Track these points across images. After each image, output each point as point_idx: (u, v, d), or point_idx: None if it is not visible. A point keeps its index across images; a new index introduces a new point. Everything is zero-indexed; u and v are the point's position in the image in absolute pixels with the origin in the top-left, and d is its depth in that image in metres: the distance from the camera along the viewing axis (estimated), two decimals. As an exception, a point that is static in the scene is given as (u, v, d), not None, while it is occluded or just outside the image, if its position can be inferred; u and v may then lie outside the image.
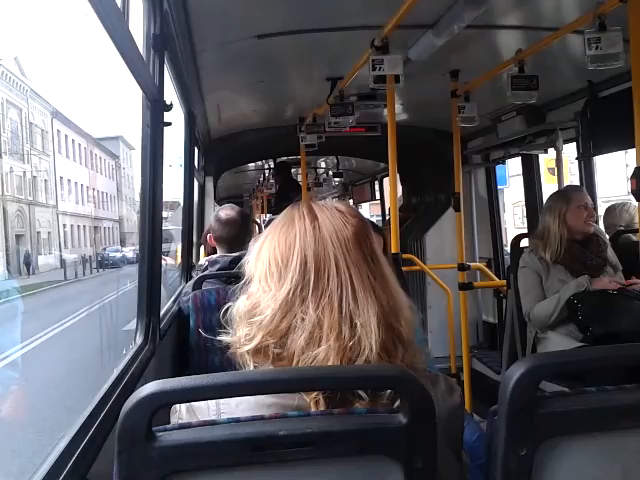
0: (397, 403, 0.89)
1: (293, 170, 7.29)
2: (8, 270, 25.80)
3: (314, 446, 0.85)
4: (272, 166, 7.56)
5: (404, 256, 3.42)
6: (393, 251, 2.78)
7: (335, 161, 7.39)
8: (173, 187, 4.56)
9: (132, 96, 2.06)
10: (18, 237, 31.50)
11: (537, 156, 4.26)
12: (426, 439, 0.87)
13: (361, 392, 0.91)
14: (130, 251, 33.80)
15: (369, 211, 14.65)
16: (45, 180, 36.52)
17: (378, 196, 8.11)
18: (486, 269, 4.41)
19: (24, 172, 33.22)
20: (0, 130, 30.83)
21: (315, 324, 0.93)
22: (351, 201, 9.12)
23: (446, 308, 4.21)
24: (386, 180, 7.37)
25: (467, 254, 3.96)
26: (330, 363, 0.92)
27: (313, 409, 0.90)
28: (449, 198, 4.12)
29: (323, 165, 8.45)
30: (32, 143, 35.24)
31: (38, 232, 34.10)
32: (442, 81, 3.43)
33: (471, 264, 4.03)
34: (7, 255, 28.04)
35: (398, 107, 3.94)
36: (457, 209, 3.76)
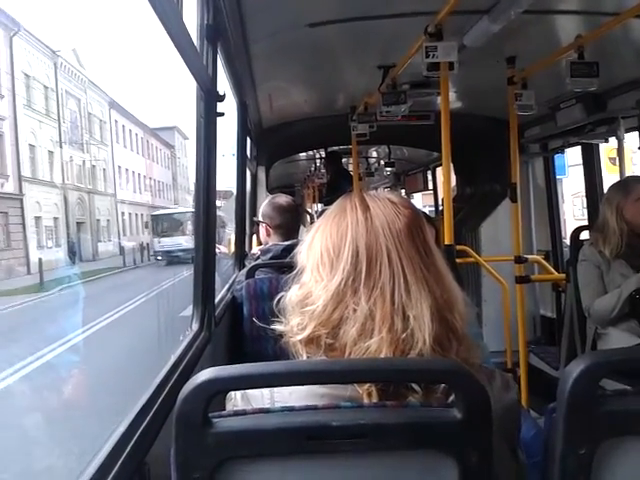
0: (451, 398, 0.88)
1: (344, 160, 7.27)
2: (70, 258, 26.77)
3: (367, 438, 0.85)
4: (323, 156, 7.56)
5: (458, 248, 3.36)
6: (447, 242, 2.74)
7: (387, 150, 7.32)
8: (226, 176, 4.64)
9: (187, 86, 2.09)
10: (79, 224, 32.69)
11: (597, 145, 4.10)
12: (481, 435, 0.86)
13: (415, 385, 0.91)
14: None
15: (421, 201, 14.47)
16: (104, 169, 37.67)
17: (431, 186, 7.99)
18: (544, 262, 4.29)
19: (83, 161, 34.35)
20: (60, 120, 31.90)
21: (367, 315, 0.93)
22: (403, 191, 9.03)
23: (502, 302, 4.12)
24: (439, 170, 7.23)
25: (524, 246, 3.86)
26: (382, 355, 0.92)
27: (366, 401, 0.90)
28: (505, 188, 4.02)
29: (374, 155, 8.39)
30: (91, 133, 36.37)
31: (98, 220, 35.28)
32: (498, 68, 3.34)
33: (528, 257, 3.93)
34: (69, 242, 29.11)
35: (452, 95, 3.86)
36: (514, 200, 3.67)
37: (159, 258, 31.75)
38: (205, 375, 0.85)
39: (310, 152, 7.90)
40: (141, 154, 46.13)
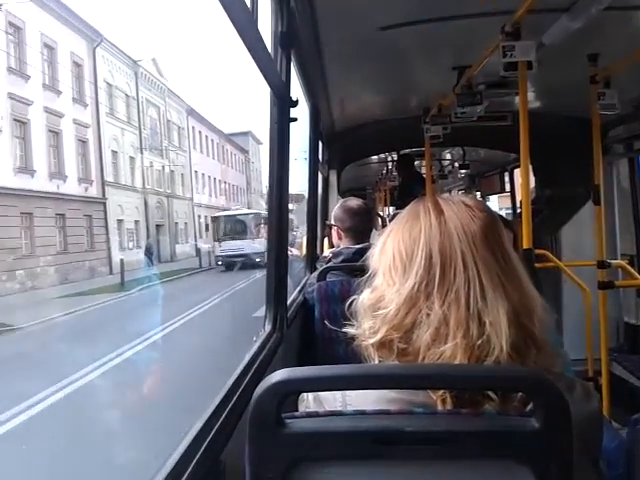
0: (530, 406, 0.85)
1: (416, 162, 7.18)
2: (149, 258, 27.70)
3: (441, 445, 0.83)
4: (395, 158, 7.51)
5: (537, 252, 3.25)
6: (525, 246, 2.66)
7: (461, 152, 7.18)
8: (298, 180, 4.69)
9: (261, 92, 2.13)
10: (158, 227, 33.97)
11: (688, 146, 3.87)
12: (561, 446, 0.82)
13: (491, 393, 0.88)
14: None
15: (498, 204, 14.08)
16: (182, 174, 39.01)
17: (508, 188, 7.78)
18: (629, 267, 4.07)
19: (163, 166, 35.69)
20: (141, 127, 33.27)
21: (441, 320, 0.92)
22: (478, 193, 8.82)
23: (583, 308, 3.95)
24: (517, 171, 7.04)
25: (607, 251, 3.69)
26: (457, 361, 0.90)
27: (440, 407, 0.89)
28: (588, 190, 3.86)
29: (448, 157, 8.25)
30: (170, 139, 37.74)
31: (176, 222, 36.53)
32: (578, 66, 3.20)
33: (612, 261, 3.75)
34: (148, 244, 30.15)
35: (530, 94, 3.74)
36: (597, 202, 3.51)
37: (219, 263, 30.39)
38: (279, 376, 0.86)
39: (382, 155, 7.86)
40: (217, 159, 47.43)
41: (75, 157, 26.07)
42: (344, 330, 1.02)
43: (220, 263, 29.94)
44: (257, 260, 25.80)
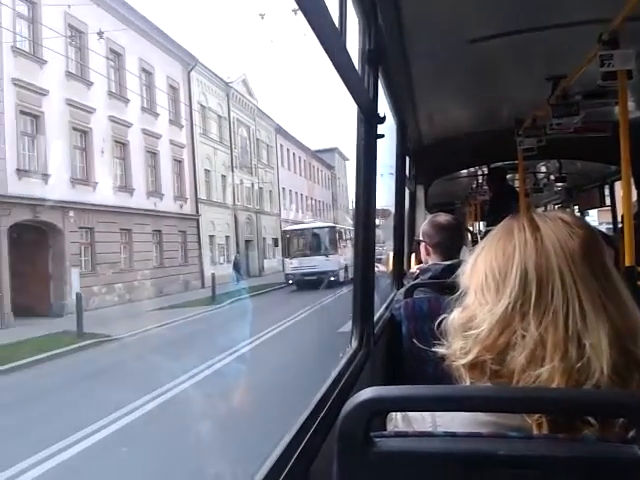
0: (632, 433, 0.80)
1: (509, 176, 6.97)
2: (238, 273, 28.34)
3: (536, 470, 0.80)
4: (486, 172, 7.32)
5: (640, 270, 3.05)
6: (627, 264, 2.50)
7: (557, 165, 6.90)
8: (384, 195, 4.67)
9: (347, 109, 2.15)
10: (247, 242, 34.88)
11: None
12: None
13: (590, 418, 0.84)
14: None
15: (597, 218, 13.39)
16: (270, 191, 39.94)
17: (608, 202, 7.39)
18: None
19: (252, 184, 36.69)
20: (232, 146, 34.43)
21: (537, 342, 0.88)
22: (576, 208, 8.44)
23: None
24: (618, 184, 6.68)
25: None
26: (554, 385, 0.86)
27: (535, 432, 0.85)
28: (695, 203, 3.59)
29: (543, 169, 7.94)
30: (259, 157, 38.80)
31: (264, 238, 37.34)
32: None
33: None
34: (237, 258, 30.78)
35: (630, 104, 3.55)
36: None
37: (290, 282, 27.30)
38: (368, 393, 0.85)
39: (471, 169, 7.69)
40: (303, 175, 48.20)
41: (171, 176, 27.33)
42: (434, 349, 1.00)
43: (291, 282, 27.02)
44: (332, 279, 25.22)
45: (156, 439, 6.78)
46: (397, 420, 0.96)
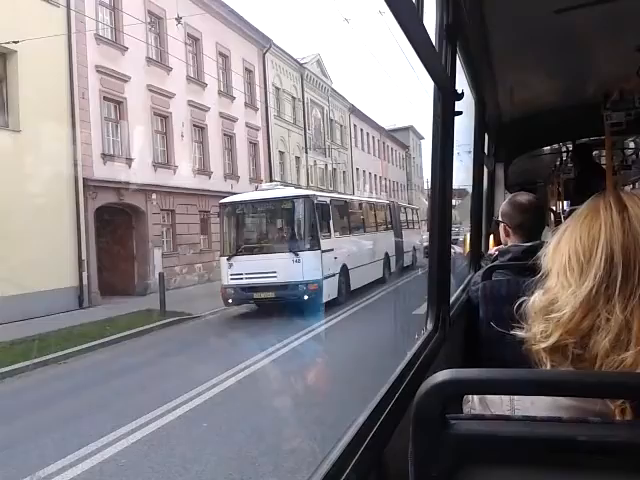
0: None
1: (595, 152, 6.65)
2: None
3: (618, 456, 0.78)
4: (570, 149, 7.01)
5: None
6: None
7: (647, 140, 6.51)
8: (459, 175, 4.56)
9: (423, 86, 2.11)
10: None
11: None
12: None
13: None
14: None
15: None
16: (344, 172, 39.93)
17: (702, 179, 6.86)
18: None
19: (325, 165, 36.78)
20: (306, 128, 34.59)
21: (622, 326, 0.85)
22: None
23: None
24: None
25: None
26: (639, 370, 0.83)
27: (618, 417, 0.83)
28: None
29: (632, 145, 7.52)
30: (332, 138, 38.80)
31: (337, 220, 37.06)
32: None
33: None
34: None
35: None
36: None
37: (230, 301, 14.39)
38: (444, 375, 0.85)
39: (555, 145, 7.38)
40: (377, 156, 47.88)
41: (247, 158, 27.84)
42: (512, 332, 0.98)
43: (231, 301, 14.64)
44: (305, 298, 13.73)
45: (233, 414, 7.01)
46: (474, 403, 0.96)
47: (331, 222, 15.70)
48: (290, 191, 16.32)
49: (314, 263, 14.18)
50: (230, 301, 14.57)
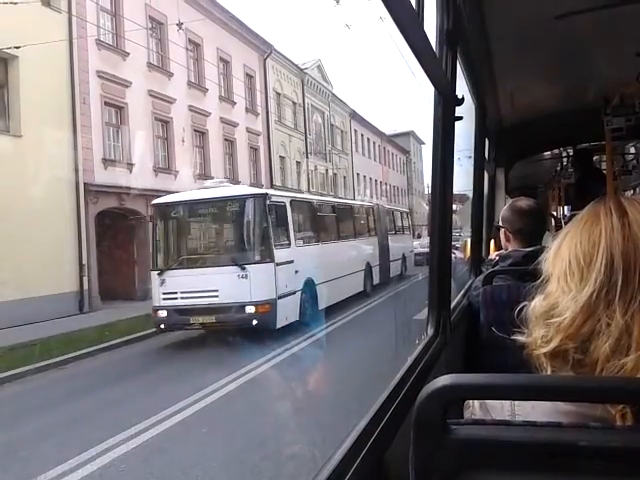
0: None
1: (595, 157, 6.66)
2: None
3: (619, 462, 0.77)
4: (571, 154, 7.02)
5: None
6: None
7: (647, 145, 6.51)
8: (460, 179, 4.56)
9: (423, 92, 2.11)
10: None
11: None
12: None
13: None
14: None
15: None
16: (344, 177, 39.96)
17: None
18: None
19: (326, 170, 36.80)
20: (307, 133, 34.63)
21: (623, 330, 0.85)
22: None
23: None
24: None
25: None
26: None
27: (619, 422, 0.82)
28: None
29: (633, 150, 7.53)
30: (333, 143, 38.84)
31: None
32: None
33: None
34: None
35: None
36: None
37: (162, 327, 11.75)
38: (445, 380, 0.85)
39: (555, 150, 7.40)
40: (378, 161, 47.92)
41: (247, 163, 27.86)
42: (513, 337, 0.98)
43: (163, 327, 11.95)
44: (254, 323, 11.23)
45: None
46: (474, 408, 0.96)
47: (291, 227, 12.79)
48: (238, 189, 13.59)
49: (265, 279, 11.38)
50: (162, 326, 11.78)
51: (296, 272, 12.44)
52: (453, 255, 2.53)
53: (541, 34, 2.78)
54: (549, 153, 7.60)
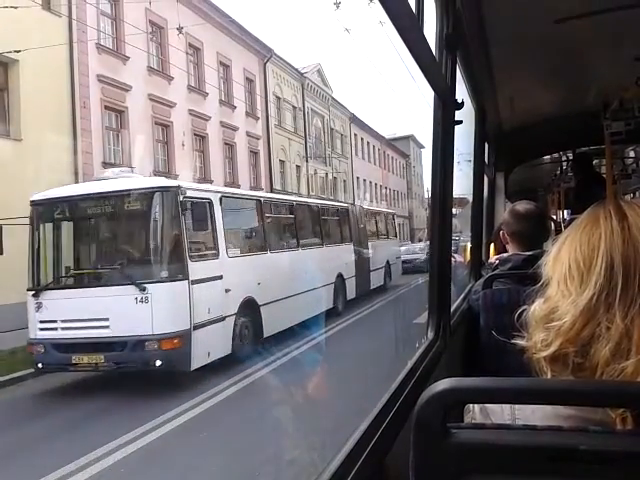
0: None
1: (595, 161, 6.67)
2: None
3: (619, 466, 0.77)
4: (570, 158, 7.03)
5: None
6: None
7: (647, 149, 6.51)
8: (460, 183, 4.56)
9: (423, 96, 2.12)
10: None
11: None
12: None
13: None
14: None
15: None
16: (344, 180, 39.97)
17: (703, 188, 6.81)
18: None
19: (326, 174, 36.82)
20: (306, 137, 34.67)
21: (623, 334, 0.85)
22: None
23: None
24: None
25: None
26: None
27: (619, 426, 0.83)
28: None
29: (632, 154, 7.54)
30: (333, 147, 38.88)
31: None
32: None
33: None
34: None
35: None
36: None
37: (40, 366, 8.84)
38: (445, 384, 0.85)
39: (555, 154, 7.41)
40: (377, 164, 47.93)
41: (247, 167, 27.87)
42: (513, 341, 0.98)
43: (41, 366, 8.85)
44: (157, 363, 8.17)
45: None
46: (475, 412, 0.96)
47: (220, 232, 9.67)
48: (140, 181, 9.76)
49: (174, 302, 8.44)
50: (40, 366, 8.78)
51: (227, 291, 9.46)
52: (453, 259, 2.53)
53: (540, 38, 2.79)
54: (549, 157, 7.61)
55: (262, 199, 12.45)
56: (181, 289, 8.50)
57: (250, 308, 10.20)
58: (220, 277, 9.39)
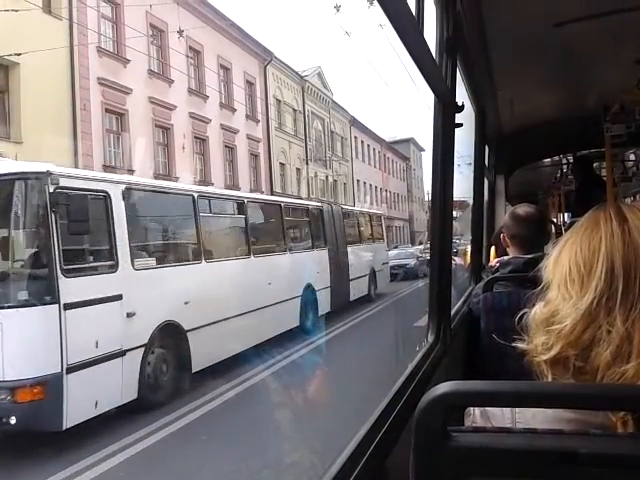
0: None
1: (595, 164, 6.67)
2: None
3: (619, 469, 0.77)
4: (571, 161, 7.03)
5: None
6: None
7: (647, 152, 6.51)
8: (460, 186, 4.56)
9: (424, 99, 2.12)
10: (322, 235, 34.50)
11: None
12: None
13: None
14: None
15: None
16: (344, 183, 39.99)
17: None
18: None
19: (326, 176, 36.84)
20: (307, 139, 34.69)
21: (624, 338, 0.84)
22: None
23: None
24: None
25: None
26: None
27: (620, 430, 0.82)
28: None
29: (632, 157, 7.55)
30: (333, 150, 38.91)
31: (338, 231, 36.80)
32: None
33: None
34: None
35: None
36: None
37: None
38: (445, 387, 0.84)
39: (555, 157, 7.41)
40: (378, 167, 47.95)
41: (248, 170, 27.87)
42: (513, 345, 0.98)
43: None
44: (12, 422, 5.69)
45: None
46: (475, 415, 0.95)
47: (121, 236, 7.35)
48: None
49: (36, 336, 6.14)
50: None
51: (129, 315, 7.14)
52: (453, 262, 2.53)
53: (540, 41, 2.79)
54: (549, 160, 7.61)
55: (196, 195, 9.63)
56: (47, 316, 6.09)
57: (170, 336, 7.96)
58: (118, 297, 7.04)
